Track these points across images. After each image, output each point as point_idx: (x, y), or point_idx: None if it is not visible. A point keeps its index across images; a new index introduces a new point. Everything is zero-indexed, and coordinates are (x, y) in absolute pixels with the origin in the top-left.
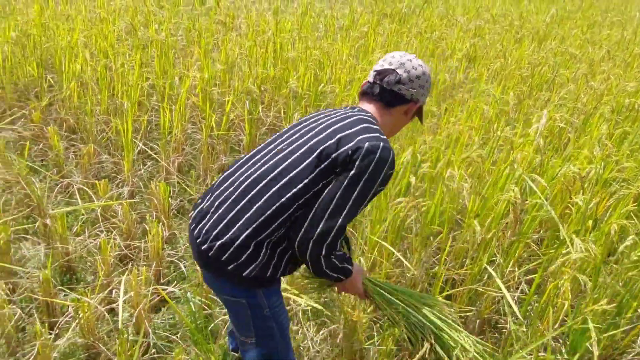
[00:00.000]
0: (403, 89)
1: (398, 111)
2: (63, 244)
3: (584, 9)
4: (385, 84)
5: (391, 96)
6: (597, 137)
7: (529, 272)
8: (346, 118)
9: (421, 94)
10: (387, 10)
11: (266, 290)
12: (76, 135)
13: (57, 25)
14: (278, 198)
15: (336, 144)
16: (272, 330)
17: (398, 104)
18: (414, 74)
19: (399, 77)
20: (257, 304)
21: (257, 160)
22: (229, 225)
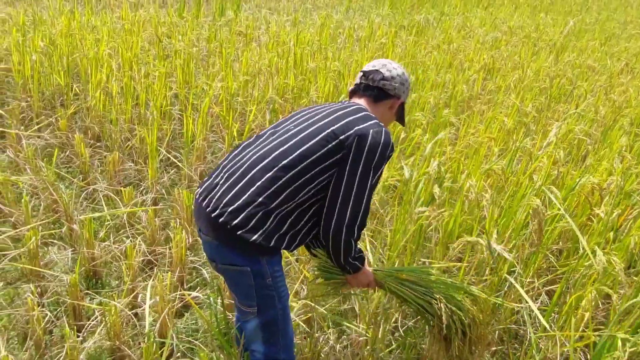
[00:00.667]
0: (387, 85)
1: (384, 106)
2: (89, 248)
3: (601, 21)
4: (371, 81)
5: (377, 91)
6: (617, 149)
7: (548, 283)
8: (348, 107)
9: (402, 90)
10: (404, 22)
11: (269, 259)
12: (101, 143)
13: (83, 36)
14: (286, 171)
15: (343, 127)
16: (273, 300)
17: (383, 98)
18: (395, 73)
19: (382, 74)
20: (260, 271)
21: (265, 139)
22: (239, 194)
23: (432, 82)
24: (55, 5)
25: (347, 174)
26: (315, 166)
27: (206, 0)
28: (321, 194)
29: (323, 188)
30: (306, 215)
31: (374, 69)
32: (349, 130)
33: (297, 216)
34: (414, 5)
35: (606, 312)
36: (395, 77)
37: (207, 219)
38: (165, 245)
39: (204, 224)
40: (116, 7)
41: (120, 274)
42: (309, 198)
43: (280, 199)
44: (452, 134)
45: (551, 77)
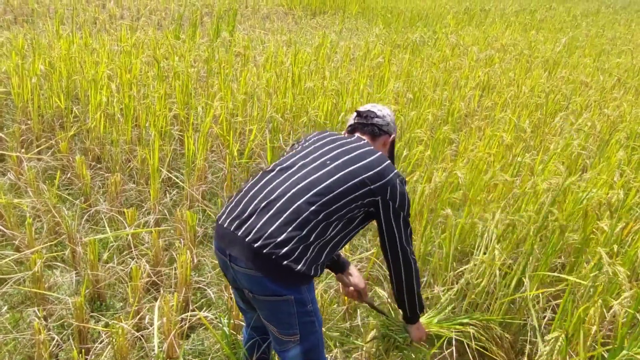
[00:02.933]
0: (380, 121)
1: (380, 141)
2: (93, 270)
3: (591, 37)
4: (366, 119)
5: (373, 128)
6: (615, 163)
7: (553, 297)
8: (360, 143)
9: (392, 128)
10: (399, 41)
11: (307, 287)
12: (102, 165)
13: (82, 59)
14: (327, 207)
15: (373, 176)
16: (313, 325)
17: (379, 134)
18: (384, 112)
19: (374, 113)
20: (302, 299)
21: (297, 169)
22: (283, 226)
23: (430, 99)
24: (53, 29)
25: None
26: (349, 204)
27: (201, 22)
28: (349, 227)
29: (350, 221)
30: (339, 245)
31: (366, 109)
32: (381, 180)
33: (332, 247)
34: (407, 25)
35: (613, 324)
36: (385, 116)
37: (247, 249)
38: (170, 266)
39: (241, 254)
40: (113, 30)
41: (124, 295)
42: (338, 232)
43: (317, 231)
44: (451, 150)
45: (546, 92)
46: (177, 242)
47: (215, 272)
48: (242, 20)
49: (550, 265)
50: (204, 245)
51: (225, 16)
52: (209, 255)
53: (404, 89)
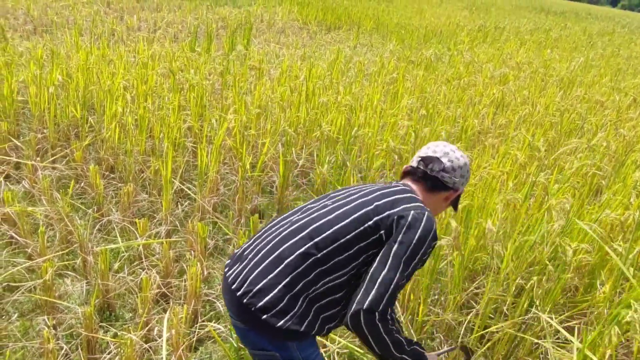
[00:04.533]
0: (446, 177)
1: (439, 197)
2: (104, 280)
3: (606, 56)
4: (430, 170)
5: (434, 182)
6: (632, 184)
7: (566, 319)
8: (391, 187)
9: (461, 183)
10: (412, 57)
11: (299, 344)
12: (115, 175)
13: (100, 70)
14: (317, 250)
15: (380, 208)
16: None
17: (440, 190)
18: (457, 164)
19: (443, 165)
20: (290, 357)
21: (300, 213)
22: (264, 272)
23: (444, 116)
24: (72, 40)
25: (380, 256)
26: (343, 250)
27: (216, 35)
28: (354, 280)
29: (358, 272)
30: (341, 301)
31: (435, 156)
32: (388, 211)
33: (329, 302)
34: (421, 41)
35: (627, 350)
36: (457, 170)
37: (233, 299)
38: (180, 278)
39: (231, 305)
40: (130, 42)
41: (134, 306)
42: (341, 282)
43: (304, 282)
44: None
45: (561, 111)
46: (188, 254)
47: None
48: (257, 34)
49: (564, 286)
50: (214, 257)
51: (240, 30)
52: (219, 267)
53: (417, 105)
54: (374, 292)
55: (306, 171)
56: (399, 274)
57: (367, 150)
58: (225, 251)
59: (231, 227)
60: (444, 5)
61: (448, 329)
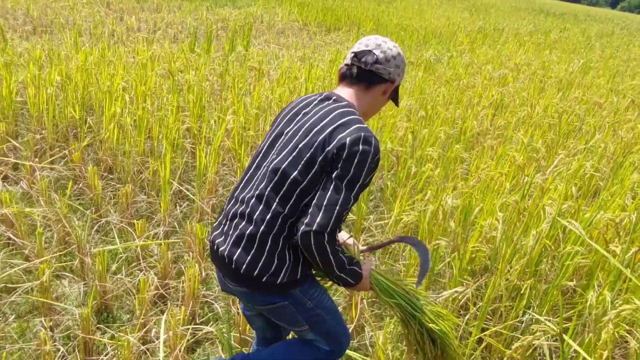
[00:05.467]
0: (381, 68)
1: (377, 91)
2: (101, 282)
3: (605, 58)
4: (364, 64)
5: (370, 76)
6: (629, 185)
7: (565, 320)
8: (326, 115)
9: (397, 73)
10: (412, 58)
11: (301, 289)
12: (113, 176)
13: (99, 71)
14: (283, 205)
15: (323, 145)
16: (320, 316)
17: (376, 83)
18: (390, 54)
19: (376, 57)
20: (298, 302)
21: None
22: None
23: (442, 117)
24: (71, 41)
25: (326, 180)
26: (309, 193)
27: (216, 36)
28: None
29: None
30: None
31: (367, 49)
32: (329, 146)
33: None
34: (421, 42)
35: (625, 351)
36: (390, 60)
37: (229, 270)
38: (178, 279)
39: (227, 274)
40: (129, 43)
41: (131, 307)
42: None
43: (285, 235)
44: (463, 169)
45: (559, 113)
46: (186, 255)
47: None
48: (257, 35)
49: (562, 288)
50: None
51: (240, 31)
52: None
53: (416, 106)
54: (321, 215)
55: None
56: (343, 197)
57: None
58: None
59: None
60: (444, 6)
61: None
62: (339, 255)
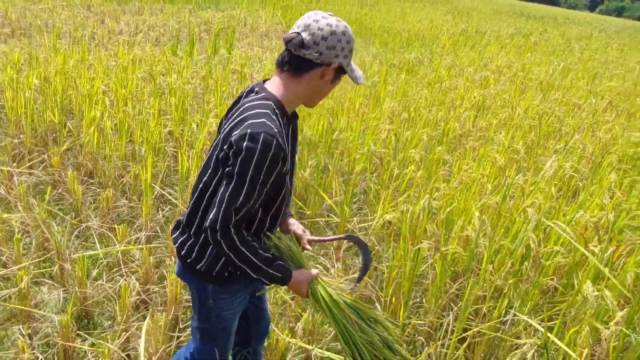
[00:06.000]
0: (307, 54)
1: (311, 77)
2: (81, 288)
3: (584, 60)
4: (292, 49)
5: (298, 62)
6: (607, 185)
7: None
8: (237, 113)
9: (333, 55)
10: (395, 60)
11: (214, 288)
12: (94, 180)
13: (79, 74)
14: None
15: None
16: (210, 319)
17: (307, 69)
18: (320, 35)
19: (301, 40)
20: (203, 293)
21: None
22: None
23: (425, 119)
24: (50, 44)
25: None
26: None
27: (199, 39)
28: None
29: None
30: None
31: (296, 31)
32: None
33: None
34: (404, 45)
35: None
36: (320, 42)
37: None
38: (160, 284)
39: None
40: (110, 46)
41: (112, 314)
42: None
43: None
44: (445, 170)
45: (540, 114)
46: (168, 260)
47: None
48: (241, 38)
49: (543, 287)
50: None
51: (223, 33)
52: None
53: (399, 108)
54: (214, 212)
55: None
56: (230, 194)
57: (349, 154)
58: None
59: None
60: (427, 9)
61: (429, 331)
62: (241, 252)
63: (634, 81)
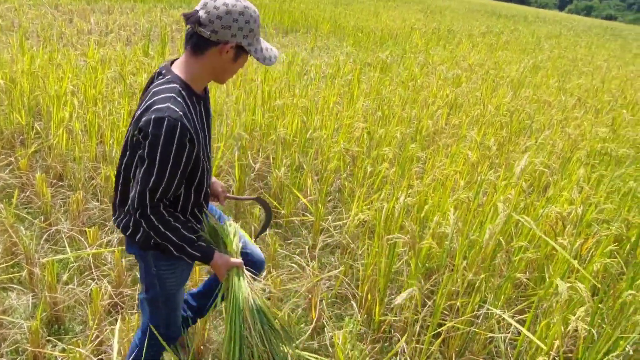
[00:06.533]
0: (203, 31)
1: (210, 56)
2: (51, 293)
3: (553, 58)
4: (192, 26)
5: (197, 40)
6: (576, 180)
7: (517, 313)
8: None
9: (230, 34)
10: (369, 59)
11: (154, 254)
12: (63, 183)
13: (46, 74)
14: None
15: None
16: (155, 286)
17: (205, 47)
18: (215, 14)
19: (197, 18)
20: (147, 263)
21: None
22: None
23: (398, 117)
24: (17, 43)
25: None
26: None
27: (171, 38)
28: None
29: None
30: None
31: (196, 9)
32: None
33: None
34: (377, 43)
35: (575, 340)
36: (214, 22)
37: None
38: (133, 287)
39: None
40: (79, 45)
41: (84, 318)
42: None
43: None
44: (419, 167)
45: (511, 111)
46: None
47: None
48: None
49: (515, 281)
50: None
51: None
52: None
53: (373, 107)
54: (132, 193)
55: (263, 175)
56: (143, 176)
57: (323, 153)
58: None
59: None
60: (400, 8)
61: (405, 328)
62: (161, 231)
63: (601, 78)
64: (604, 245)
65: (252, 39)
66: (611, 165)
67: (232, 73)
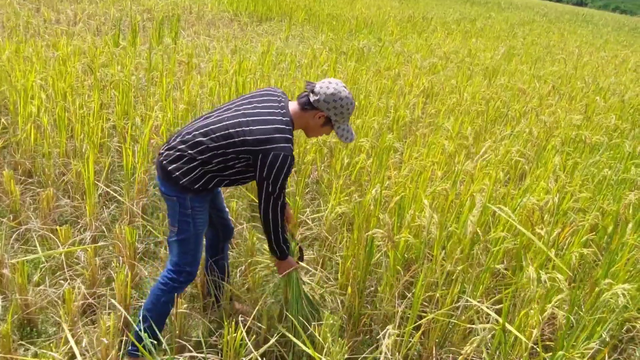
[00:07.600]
0: (312, 97)
1: (309, 114)
2: (22, 294)
3: (527, 45)
4: (309, 91)
5: (306, 100)
6: (552, 168)
7: (497, 302)
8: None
9: (326, 107)
10: (344, 48)
11: (192, 197)
12: (33, 179)
13: (12, 67)
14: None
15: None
16: (188, 225)
17: (308, 108)
18: (324, 91)
19: (313, 86)
20: (184, 204)
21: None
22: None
23: (375, 107)
24: None
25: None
26: (229, 152)
27: (142, 28)
28: (231, 170)
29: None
30: (221, 181)
31: (314, 83)
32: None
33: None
34: (353, 32)
35: (554, 328)
36: (321, 94)
37: (159, 164)
38: (108, 286)
39: (157, 167)
40: (47, 36)
41: (57, 320)
42: (220, 169)
43: (203, 159)
44: (396, 158)
45: (486, 100)
46: (116, 260)
47: None
48: (186, 27)
49: (493, 270)
50: (144, 262)
51: (167, 22)
52: (151, 272)
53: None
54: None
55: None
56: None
57: (300, 145)
58: (157, 254)
59: (162, 229)
60: None
61: (385, 320)
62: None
63: (574, 65)
64: (580, 234)
65: (340, 118)
66: (585, 153)
67: (317, 134)
